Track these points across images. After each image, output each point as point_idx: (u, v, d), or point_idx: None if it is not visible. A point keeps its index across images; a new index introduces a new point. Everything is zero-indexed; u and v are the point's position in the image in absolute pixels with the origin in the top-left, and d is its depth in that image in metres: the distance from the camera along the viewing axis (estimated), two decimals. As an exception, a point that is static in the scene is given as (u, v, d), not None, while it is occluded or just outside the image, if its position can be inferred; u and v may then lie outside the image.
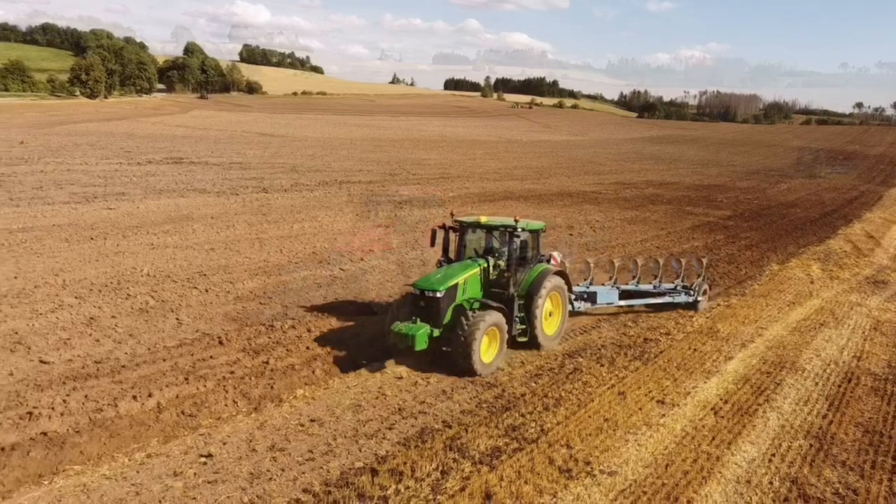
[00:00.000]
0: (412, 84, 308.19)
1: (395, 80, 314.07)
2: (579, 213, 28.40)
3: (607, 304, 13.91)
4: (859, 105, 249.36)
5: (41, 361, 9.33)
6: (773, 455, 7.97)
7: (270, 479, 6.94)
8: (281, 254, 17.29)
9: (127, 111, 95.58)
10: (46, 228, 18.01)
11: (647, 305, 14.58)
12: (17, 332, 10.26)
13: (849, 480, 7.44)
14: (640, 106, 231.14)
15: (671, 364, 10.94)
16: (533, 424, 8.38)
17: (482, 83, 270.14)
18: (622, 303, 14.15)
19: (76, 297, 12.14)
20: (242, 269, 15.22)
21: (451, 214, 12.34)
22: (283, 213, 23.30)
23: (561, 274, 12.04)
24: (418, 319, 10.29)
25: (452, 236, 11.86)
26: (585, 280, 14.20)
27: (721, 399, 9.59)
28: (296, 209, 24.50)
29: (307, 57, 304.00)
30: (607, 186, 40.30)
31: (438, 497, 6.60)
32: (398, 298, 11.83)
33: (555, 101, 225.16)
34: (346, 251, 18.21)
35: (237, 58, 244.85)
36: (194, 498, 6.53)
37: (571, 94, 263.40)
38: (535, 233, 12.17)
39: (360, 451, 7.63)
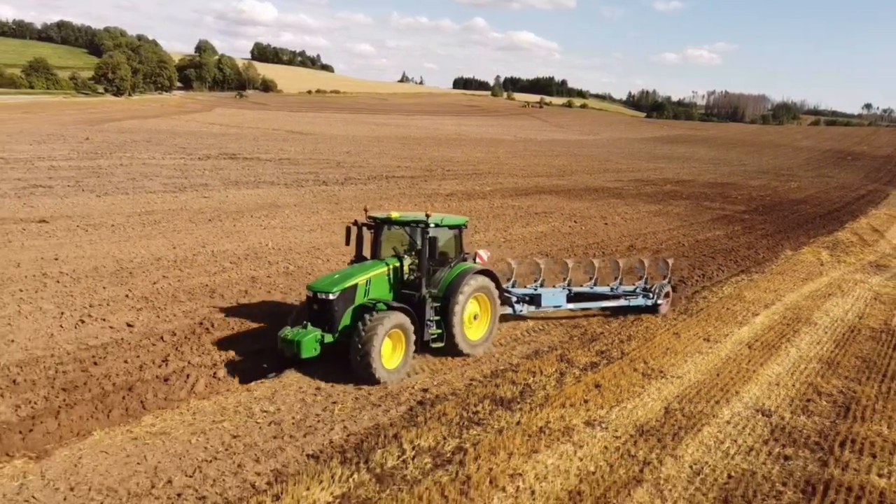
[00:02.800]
0: (421, 82, 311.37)
1: (404, 79, 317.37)
2: (608, 207, 31.26)
3: (554, 307, 13.08)
4: (868, 106, 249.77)
5: (237, 304, 12.36)
6: (794, 371, 10.90)
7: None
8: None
9: (155, 109, 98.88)
10: (165, 212, 21.11)
11: (602, 308, 13.92)
12: (206, 286, 13.30)
13: (850, 385, 10.36)
14: (649, 106, 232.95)
15: (711, 317, 13.87)
16: (615, 350, 11.35)
17: (491, 82, 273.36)
18: (571, 306, 13.35)
19: (231, 263, 15.19)
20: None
21: (365, 210, 11.54)
22: (352, 202, 26.32)
23: (487, 274, 11.09)
24: (309, 324, 9.65)
25: (367, 234, 11.01)
26: (536, 282, 13.51)
27: (752, 339, 12.52)
28: (360, 199, 27.51)
29: (318, 55, 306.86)
30: (627, 183, 43.13)
31: (563, 385, 9.58)
32: (303, 302, 10.90)
33: (563, 100, 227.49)
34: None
35: (247, 55, 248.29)
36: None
37: (580, 94, 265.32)
38: (455, 229, 11.33)
39: (503, 357, 10.64)
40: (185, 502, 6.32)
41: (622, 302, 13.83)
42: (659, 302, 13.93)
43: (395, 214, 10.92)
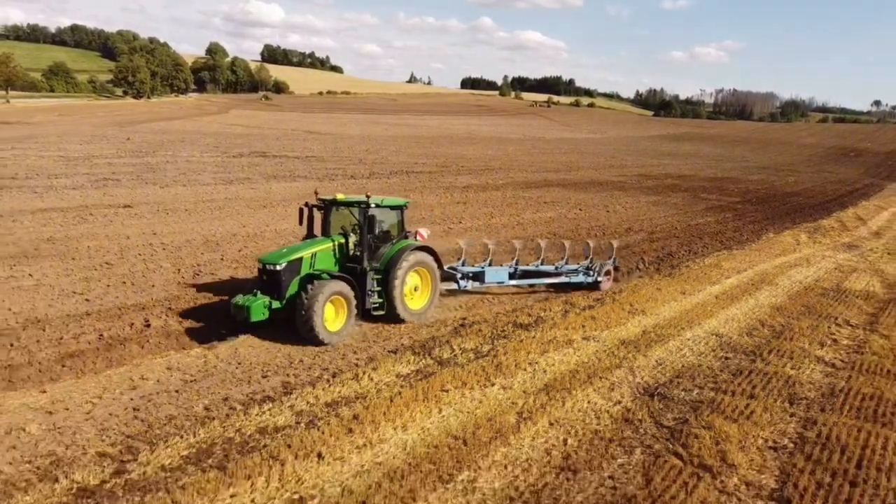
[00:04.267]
0: (429, 83, 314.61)
1: (412, 79, 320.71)
2: (611, 198, 34.23)
3: (497, 283, 14.39)
4: (877, 103, 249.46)
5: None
6: (748, 312, 13.90)
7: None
8: (428, 217, 23.56)
9: (176, 111, 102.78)
10: (223, 201, 24.40)
11: (547, 285, 15.33)
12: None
13: (789, 321, 13.35)
14: (657, 104, 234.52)
15: (689, 279, 16.86)
16: (608, 298, 14.39)
17: (499, 81, 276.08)
18: (513, 283, 14.67)
19: (293, 238, 18.34)
20: (418, 225, 21.48)
21: (315, 193, 12.59)
22: (381, 193, 29.36)
23: (427, 250, 12.15)
24: (259, 292, 10.74)
25: (318, 215, 12.11)
26: (485, 261, 14.91)
27: (721, 293, 15.51)
28: (389, 191, 30.64)
29: (327, 56, 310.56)
30: (630, 178, 46.01)
31: (567, 317, 12.63)
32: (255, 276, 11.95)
33: (571, 99, 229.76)
34: (454, 214, 24.41)
35: (254, 57, 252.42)
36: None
37: (588, 93, 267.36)
38: (396, 209, 12.41)
39: (521, 300, 13.71)
40: (313, 371, 9.50)
41: (563, 279, 15.24)
42: (599, 279, 15.44)
43: (340, 196, 12.04)
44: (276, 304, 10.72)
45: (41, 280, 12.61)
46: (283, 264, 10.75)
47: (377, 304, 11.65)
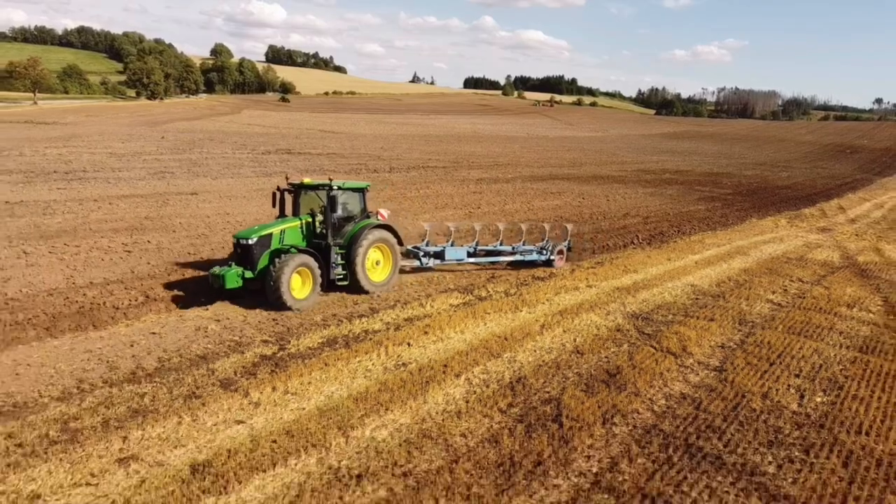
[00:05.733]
0: (432, 82, 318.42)
1: (415, 79, 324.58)
2: (611, 189, 37.52)
3: (457, 260, 15.77)
4: (878, 101, 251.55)
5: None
6: (721, 273, 17.20)
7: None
8: (450, 203, 26.90)
9: (191, 112, 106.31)
10: (271, 189, 27.68)
11: (506, 263, 16.74)
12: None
13: (752, 278, 16.63)
14: (658, 103, 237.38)
15: (675, 250, 20.17)
16: (607, 262, 17.70)
17: (501, 81, 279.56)
18: (472, 261, 16.03)
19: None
20: (445, 209, 24.81)
21: (287, 178, 14.05)
22: (405, 185, 32.87)
23: (387, 228, 13.46)
24: (233, 264, 12.10)
25: (289, 197, 13.42)
26: (448, 241, 16.20)
27: (700, 260, 18.80)
28: (412, 183, 34.02)
29: (331, 57, 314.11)
30: (630, 173, 49.28)
31: (574, 273, 15.93)
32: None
33: (573, 98, 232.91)
34: (472, 202, 27.74)
35: (256, 57, 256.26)
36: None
37: (590, 92, 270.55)
38: (358, 191, 13.69)
39: (479, 274, 17.06)
40: (389, 302, 12.85)
41: (518, 257, 16.58)
42: (552, 258, 16.81)
43: (307, 180, 13.39)
44: (248, 274, 12.03)
45: (160, 245, 16.03)
46: (255, 239, 12.04)
47: (341, 276, 12.96)
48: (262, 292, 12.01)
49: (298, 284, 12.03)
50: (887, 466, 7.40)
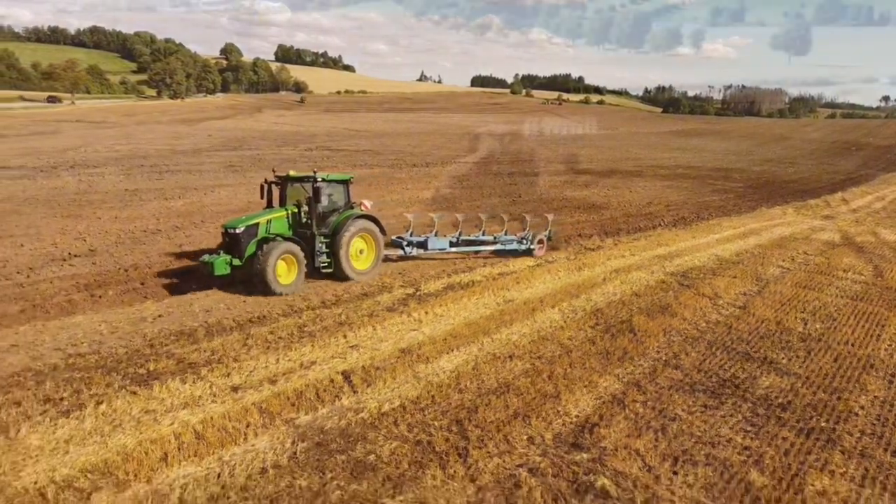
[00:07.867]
0: (439, 81, 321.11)
1: (422, 77, 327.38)
2: (632, 182, 40.78)
3: (439, 249, 16.32)
4: (886, 98, 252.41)
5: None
6: (738, 247, 20.49)
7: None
8: (493, 193, 30.25)
9: (215, 111, 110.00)
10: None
11: (488, 251, 17.31)
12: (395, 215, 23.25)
13: (765, 251, 19.91)
14: (665, 101, 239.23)
15: (698, 230, 23.47)
16: (642, 237, 21.01)
17: (508, 79, 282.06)
18: (454, 250, 16.59)
19: (400, 208, 25.08)
20: (490, 198, 28.16)
21: (273, 171, 14.58)
22: (444, 178, 36.22)
23: (370, 218, 13.96)
24: (222, 252, 12.60)
25: (276, 189, 14.00)
26: (431, 231, 16.60)
27: (720, 238, 22.11)
28: (449, 175, 37.37)
29: (339, 56, 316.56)
30: (645, 168, 52.49)
31: (618, 246, 19.26)
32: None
33: (581, 97, 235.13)
34: (512, 192, 31.11)
35: (262, 56, 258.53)
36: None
37: (597, 90, 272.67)
38: (342, 183, 14.26)
39: (584, 242, 20.44)
40: (479, 262, 16.23)
41: (499, 246, 17.13)
42: (532, 247, 17.42)
43: (292, 172, 14.01)
44: (236, 262, 12.53)
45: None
46: (242, 228, 12.57)
47: (325, 264, 13.50)
48: (251, 281, 12.62)
49: (284, 271, 12.64)
50: (865, 361, 10.73)
